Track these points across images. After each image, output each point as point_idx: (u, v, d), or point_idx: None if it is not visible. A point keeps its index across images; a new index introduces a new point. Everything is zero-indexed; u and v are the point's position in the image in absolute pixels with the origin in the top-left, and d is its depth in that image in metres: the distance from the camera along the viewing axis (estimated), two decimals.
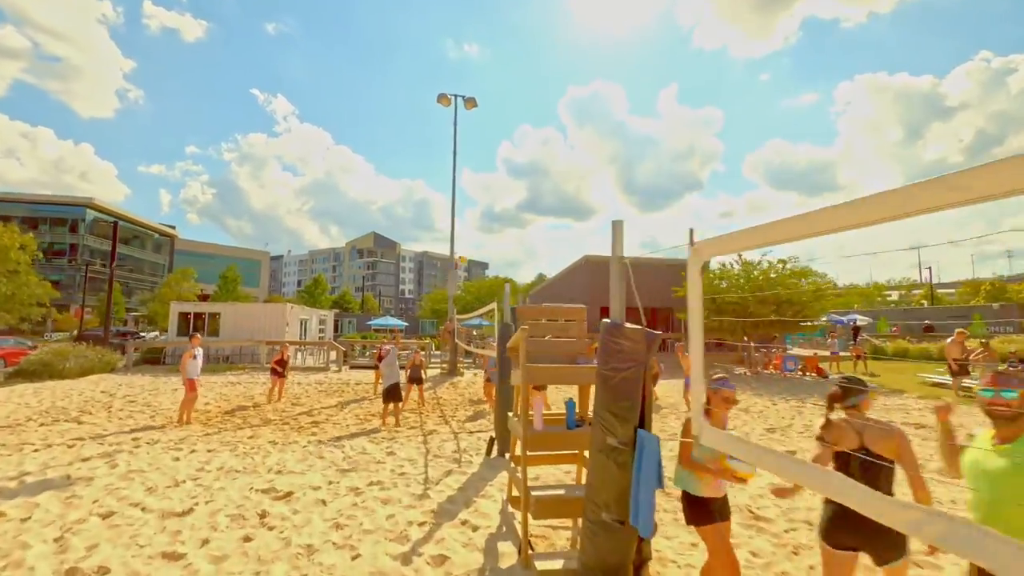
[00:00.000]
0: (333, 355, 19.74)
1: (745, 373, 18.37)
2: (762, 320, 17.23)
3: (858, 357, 18.05)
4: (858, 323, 26.17)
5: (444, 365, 17.85)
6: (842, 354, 18.94)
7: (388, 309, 71.81)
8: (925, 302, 41.55)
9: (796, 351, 21.37)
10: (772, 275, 17.59)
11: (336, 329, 36.62)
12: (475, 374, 17.48)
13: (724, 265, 19.16)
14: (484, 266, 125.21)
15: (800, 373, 17.70)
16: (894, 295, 61.69)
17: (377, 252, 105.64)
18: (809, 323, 17.65)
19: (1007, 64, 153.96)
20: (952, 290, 55.98)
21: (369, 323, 35.91)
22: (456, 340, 16.82)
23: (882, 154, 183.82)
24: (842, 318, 26.13)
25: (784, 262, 17.43)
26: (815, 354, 16.83)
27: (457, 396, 12.62)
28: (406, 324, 37.79)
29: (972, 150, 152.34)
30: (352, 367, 19.58)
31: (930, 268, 42.68)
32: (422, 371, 11.11)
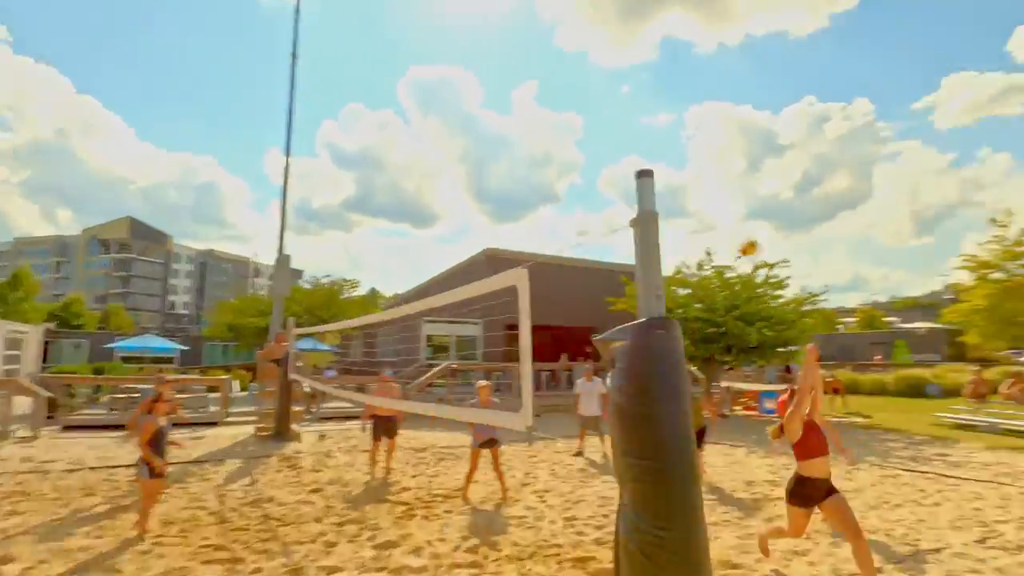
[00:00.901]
0: (29, 405, 12.24)
1: (706, 415, 15.85)
2: (739, 344, 14.86)
3: (835, 391, 16.88)
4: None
5: (262, 422, 11.83)
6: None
7: (148, 328, 57.72)
8: (841, 325, 46.34)
9: (737, 385, 19.89)
10: (754, 281, 15.48)
11: (45, 356, 26.38)
12: (324, 436, 11.85)
13: (686, 265, 16.68)
14: (297, 274, 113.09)
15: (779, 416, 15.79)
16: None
17: (134, 246, 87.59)
18: (791, 347, 15.91)
19: (825, 111, 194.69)
20: (852, 318, 63.26)
21: (112, 346, 26.41)
22: (293, 374, 11.07)
23: (727, 184, 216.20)
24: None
25: (771, 266, 15.44)
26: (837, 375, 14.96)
27: (309, 495, 7.21)
28: (184, 348, 28.86)
29: (798, 188, 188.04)
30: (70, 427, 12.30)
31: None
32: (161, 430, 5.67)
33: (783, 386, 19.50)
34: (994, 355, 27.61)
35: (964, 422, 12.93)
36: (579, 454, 10.21)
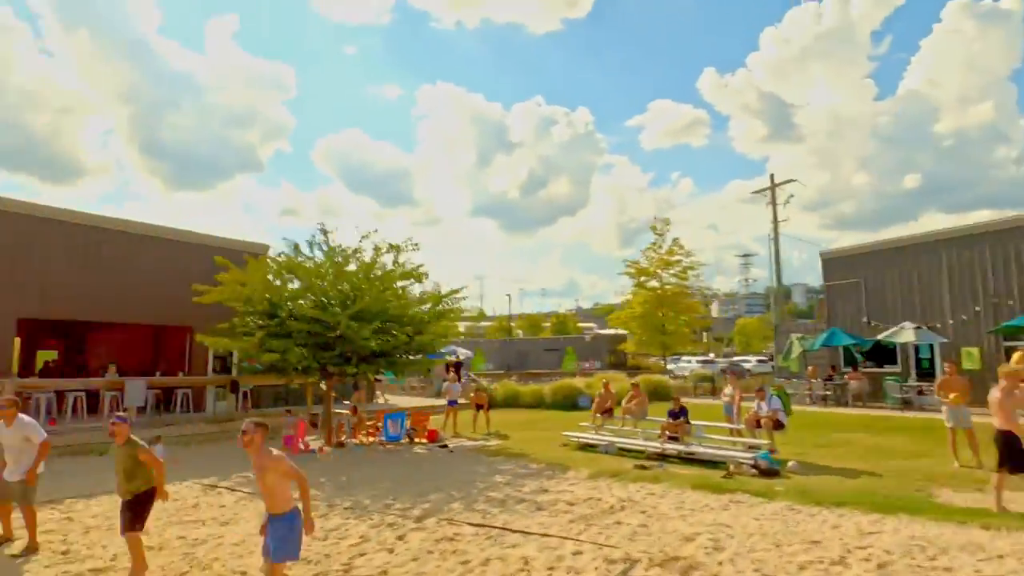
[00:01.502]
0: None
1: (321, 449, 13.57)
2: (360, 351, 12.85)
3: (479, 407, 16.16)
4: (459, 356, 26.06)
5: None
6: (461, 401, 16.77)
7: None
8: (521, 332, 49.15)
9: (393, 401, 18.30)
10: (376, 271, 13.60)
11: None
12: None
13: (297, 248, 13.99)
14: None
15: (407, 440, 14.30)
16: (461, 326, 72.92)
17: None
18: (426, 355, 14.58)
19: (552, 114, 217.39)
20: (514, 323, 70.13)
21: None
22: None
23: (457, 175, 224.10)
24: (440, 350, 25.43)
25: (398, 249, 13.75)
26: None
27: None
28: None
29: (524, 189, 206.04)
30: None
31: (509, 295, 51.21)
32: None
33: (431, 402, 18.29)
34: (647, 363, 31.90)
35: (588, 441, 12.90)
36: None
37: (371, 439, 14.35)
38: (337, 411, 15.85)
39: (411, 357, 14.17)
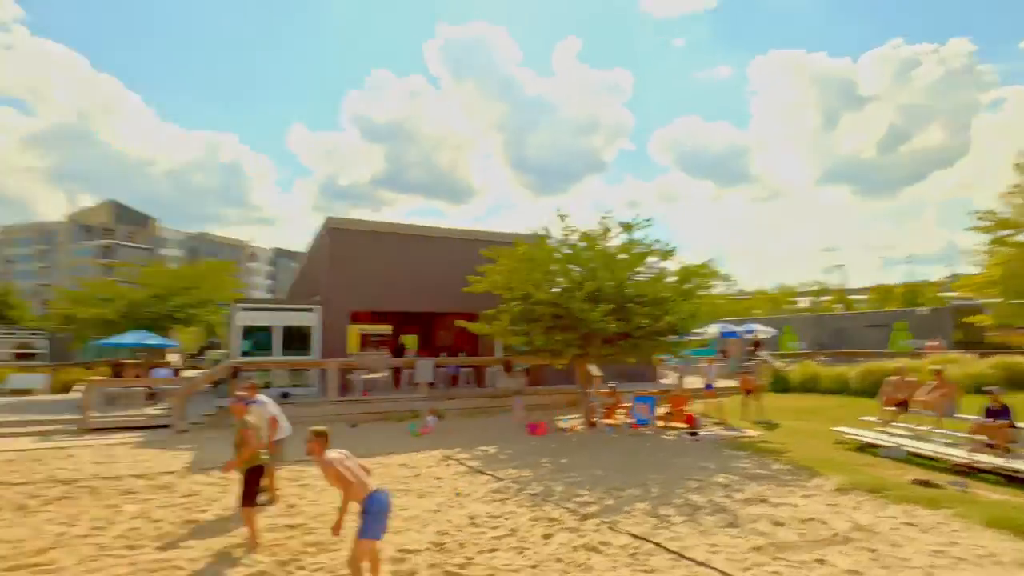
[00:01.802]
0: None
1: (573, 428, 13.40)
2: (600, 332, 12.13)
3: (748, 391, 13.99)
4: (758, 335, 23.18)
5: None
6: (720, 385, 14.77)
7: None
8: (842, 306, 42.32)
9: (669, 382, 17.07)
10: (611, 252, 12.69)
11: None
12: None
13: (539, 236, 13.89)
14: (296, 257, 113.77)
15: (661, 424, 13.10)
16: (804, 302, 65.30)
17: (118, 231, 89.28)
18: (678, 337, 13.11)
19: (914, 55, 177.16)
20: (863, 296, 60.11)
21: (107, 342, 21.65)
22: None
23: (798, 143, 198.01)
24: (736, 328, 22.96)
25: (630, 228, 12.63)
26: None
27: None
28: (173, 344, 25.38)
29: (882, 146, 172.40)
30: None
31: (842, 266, 44.07)
32: None
33: (659, 385, 16.48)
34: (1014, 339, 23.36)
35: (868, 441, 9.97)
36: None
37: (625, 420, 13.58)
38: (601, 391, 15.45)
39: (659, 338, 12.85)
